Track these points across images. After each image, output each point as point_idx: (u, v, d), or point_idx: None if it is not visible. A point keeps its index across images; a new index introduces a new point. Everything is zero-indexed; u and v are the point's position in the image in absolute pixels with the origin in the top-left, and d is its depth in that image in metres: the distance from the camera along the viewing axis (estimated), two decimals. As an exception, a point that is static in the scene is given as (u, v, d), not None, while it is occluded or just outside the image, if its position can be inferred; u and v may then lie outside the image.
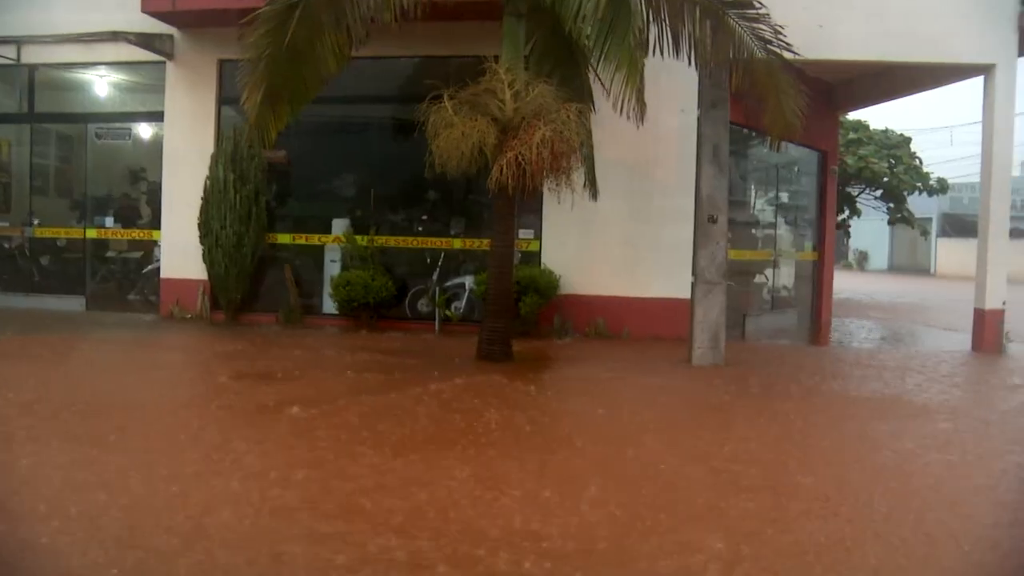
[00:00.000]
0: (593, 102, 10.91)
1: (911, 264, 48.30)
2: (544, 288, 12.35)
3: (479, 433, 6.78)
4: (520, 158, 9.05)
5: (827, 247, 16.81)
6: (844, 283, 32.72)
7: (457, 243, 13.48)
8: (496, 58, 9.91)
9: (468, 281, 13.18)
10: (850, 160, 22.74)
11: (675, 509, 5.13)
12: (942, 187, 24.88)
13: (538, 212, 13.11)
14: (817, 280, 16.72)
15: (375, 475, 5.60)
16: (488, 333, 10.26)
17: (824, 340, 14.93)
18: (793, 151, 16.30)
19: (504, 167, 9.10)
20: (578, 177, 10.15)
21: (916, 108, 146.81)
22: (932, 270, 46.29)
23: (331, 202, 14.02)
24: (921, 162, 25.18)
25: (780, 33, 9.83)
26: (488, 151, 9.31)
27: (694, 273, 10.55)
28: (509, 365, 9.98)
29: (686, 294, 12.28)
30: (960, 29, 12.46)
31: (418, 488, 5.31)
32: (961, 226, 45.48)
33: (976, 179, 46.82)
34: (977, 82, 12.90)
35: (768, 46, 9.75)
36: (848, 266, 49.90)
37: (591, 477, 5.65)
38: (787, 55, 11.29)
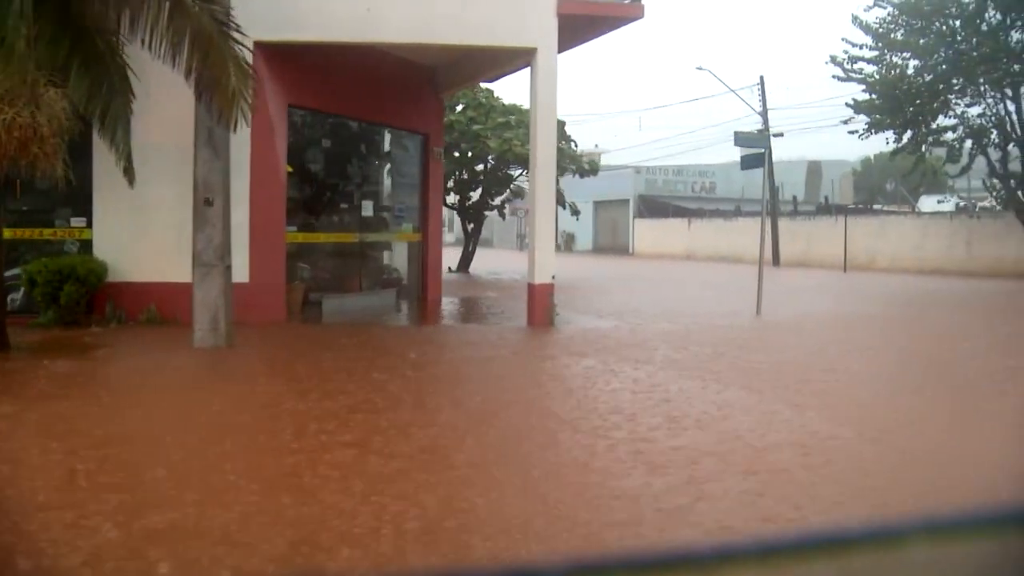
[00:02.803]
0: (132, 89, 10.51)
1: (613, 244, 50.44)
2: (84, 277, 11.80)
3: None
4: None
5: (431, 228, 17.05)
6: (521, 264, 33.72)
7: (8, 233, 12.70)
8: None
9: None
10: (493, 144, 23.27)
11: None
12: (593, 168, 25.97)
13: (90, 199, 12.55)
14: (421, 261, 16.93)
15: None
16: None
17: (432, 319, 15.15)
18: (391, 134, 16.49)
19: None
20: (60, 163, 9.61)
21: (606, 92, 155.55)
22: (631, 249, 48.47)
23: None
24: (576, 144, 26.13)
25: (231, 16, 9.65)
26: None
27: (193, 256, 10.31)
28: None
29: (241, 277, 12.18)
30: (506, 15, 12.85)
31: None
32: (655, 207, 47.82)
33: (668, 162, 49.64)
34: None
35: (223, 28, 9.54)
36: (556, 247, 51.42)
37: None
38: (331, 39, 11.42)
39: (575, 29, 13.43)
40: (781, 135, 37.03)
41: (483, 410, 7.40)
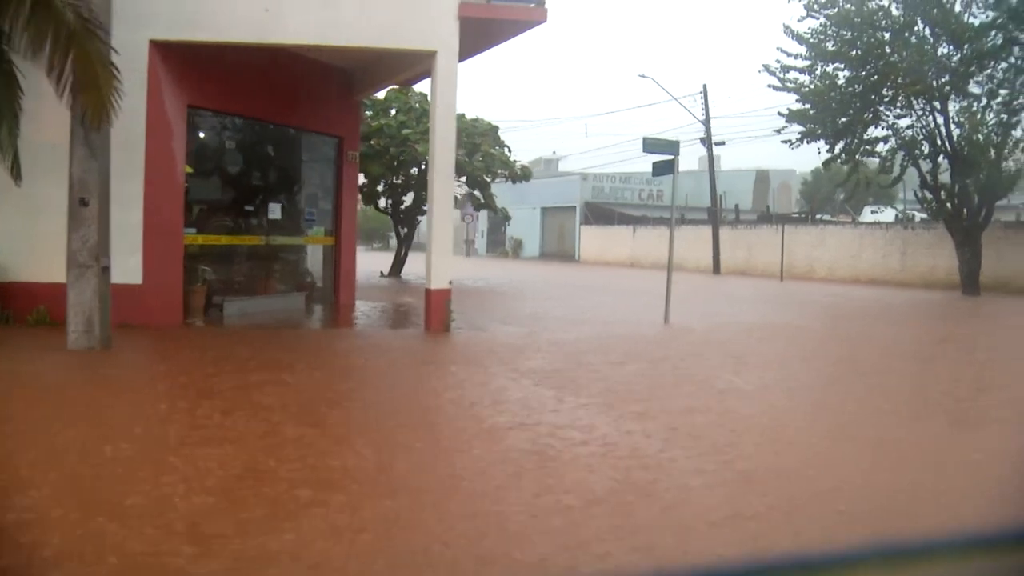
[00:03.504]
0: (20, 87, 10.38)
1: (560, 251, 50.55)
2: (-38, 277, 11.63)
3: None
4: None
5: (345, 232, 16.92)
6: (472, 270, 33.73)
7: None
8: None
9: None
10: (421, 148, 23.18)
11: None
12: (525, 175, 25.97)
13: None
14: (334, 264, 16.81)
15: None
16: None
17: (345, 322, 15.04)
18: (302, 137, 16.37)
19: None
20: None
21: (554, 98, 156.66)
22: (577, 256, 48.57)
23: None
24: (510, 150, 26.14)
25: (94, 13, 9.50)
26: None
27: (67, 256, 10.14)
28: None
29: (134, 279, 12.03)
30: (407, 18, 12.79)
31: None
32: (601, 214, 47.94)
33: (615, 169, 49.68)
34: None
35: (88, 26, 9.37)
36: (505, 254, 51.54)
37: None
38: (230, 39, 11.26)
39: (478, 34, 13.40)
40: (723, 143, 37.33)
41: (316, 421, 7.18)
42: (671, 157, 15.04)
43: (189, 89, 13.06)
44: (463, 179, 25.64)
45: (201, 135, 14.44)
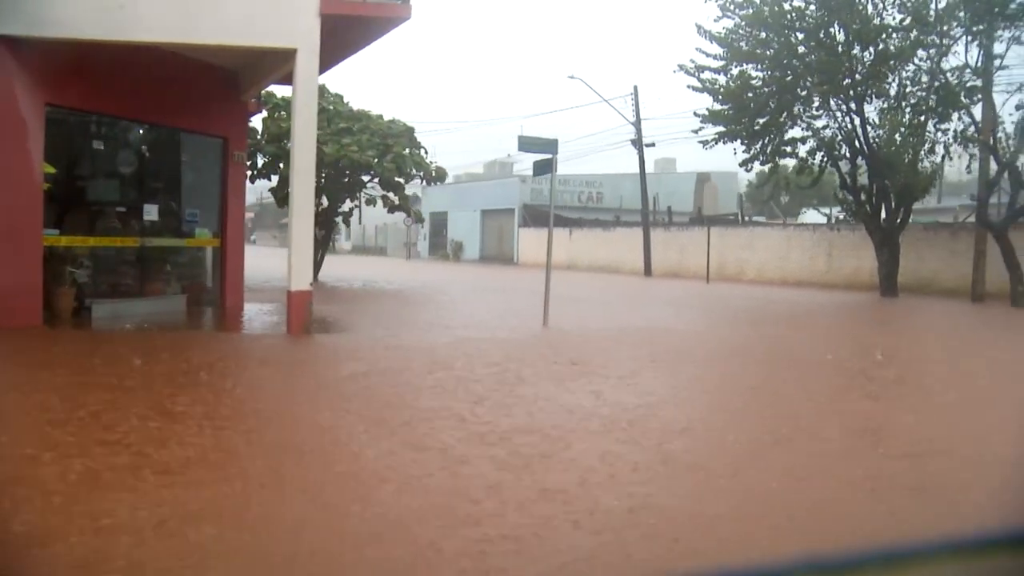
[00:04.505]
0: None
1: (499, 253, 50.43)
2: None
3: None
4: None
5: (231, 233, 16.67)
6: (398, 272, 33.61)
7: None
8: None
9: None
10: (329, 150, 23.00)
11: None
12: (440, 176, 25.88)
13: None
14: (220, 266, 16.57)
15: None
16: None
17: (233, 326, 14.80)
18: (182, 137, 16.13)
19: None
20: None
21: (490, 100, 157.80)
22: (515, 259, 48.48)
23: None
24: (427, 152, 26.00)
25: None
26: None
27: None
28: None
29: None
30: (266, 14, 12.57)
31: None
32: (539, 216, 47.84)
33: (525, 169, 49.35)
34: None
35: None
36: (445, 256, 51.38)
37: None
38: (84, 36, 11.06)
39: (346, 32, 13.25)
40: (652, 145, 37.38)
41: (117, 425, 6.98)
42: (550, 156, 14.91)
43: (48, 87, 12.74)
44: (375, 181, 25.46)
45: (65, 135, 14.11)
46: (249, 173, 24.44)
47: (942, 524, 4.84)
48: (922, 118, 24.73)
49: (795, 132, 27.46)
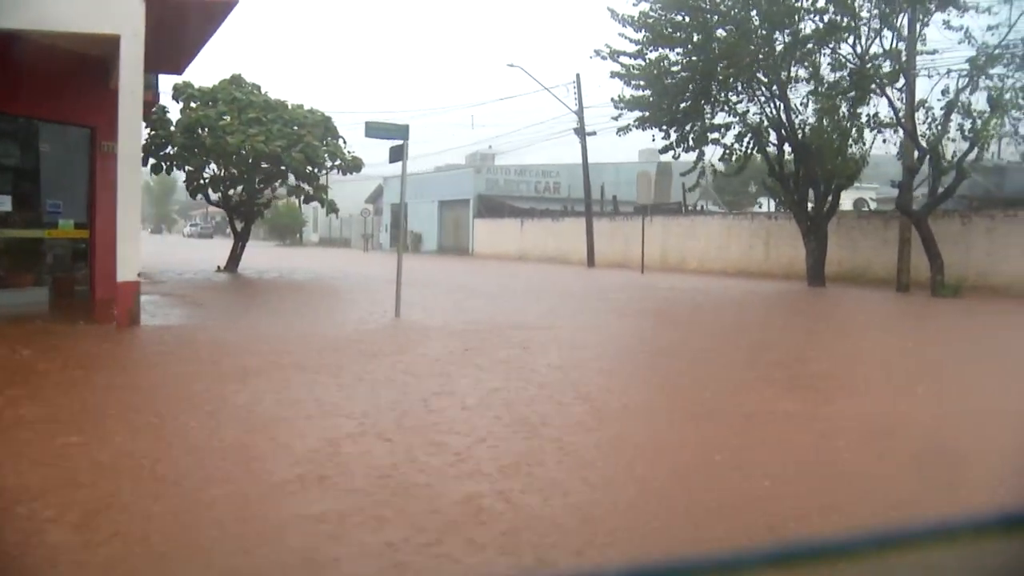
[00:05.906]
0: None
1: (456, 245, 50.26)
2: None
3: None
4: None
5: (100, 226, 16.43)
6: (339, 263, 33.48)
7: None
8: None
9: None
10: (232, 140, 22.82)
11: None
12: (356, 165, 25.69)
13: None
14: (90, 258, 16.36)
15: None
16: None
17: (103, 318, 14.61)
18: (43, 128, 15.91)
19: None
20: None
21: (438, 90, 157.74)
22: (471, 250, 48.32)
23: None
24: (345, 141, 25.83)
25: None
26: None
27: None
28: None
29: None
30: (90, 2, 12.43)
31: None
32: (493, 207, 47.74)
33: (509, 161, 49.54)
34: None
35: None
36: (404, 248, 51.15)
37: None
38: None
39: (178, 21, 13.05)
40: (594, 133, 37.13)
41: None
42: (401, 142, 14.71)
43: None
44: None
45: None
46: (164, 165, 24.37)
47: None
48: (838, 102, 24.38)
49: (721, 118, 27.22)
